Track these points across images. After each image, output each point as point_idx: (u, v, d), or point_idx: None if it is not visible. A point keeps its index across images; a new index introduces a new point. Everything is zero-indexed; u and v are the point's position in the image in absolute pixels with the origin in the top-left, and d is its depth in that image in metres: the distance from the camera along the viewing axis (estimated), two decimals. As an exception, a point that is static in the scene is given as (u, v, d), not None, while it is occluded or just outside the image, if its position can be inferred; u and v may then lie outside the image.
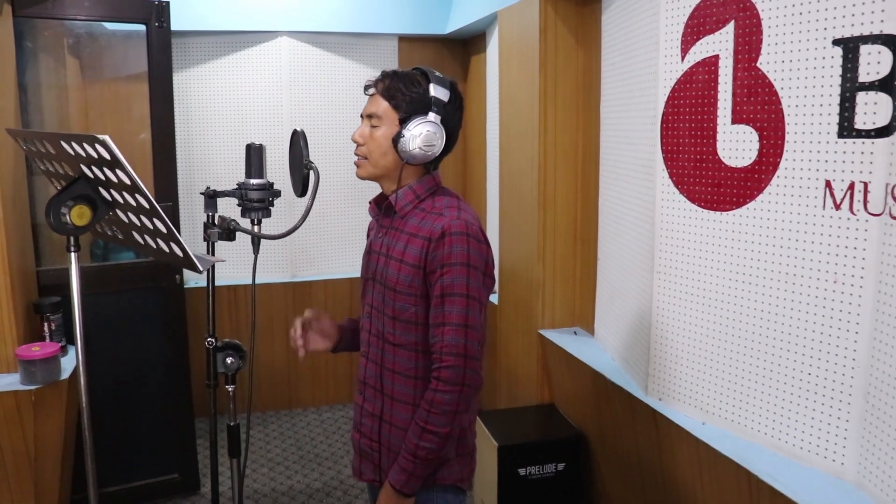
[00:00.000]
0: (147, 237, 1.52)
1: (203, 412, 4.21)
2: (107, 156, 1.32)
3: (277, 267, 4.79)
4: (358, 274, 2.08)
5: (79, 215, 1.48)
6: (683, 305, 2.51)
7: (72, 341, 3.28)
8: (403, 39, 4.89)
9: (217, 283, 4.56)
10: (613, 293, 3.13)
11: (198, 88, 4.58)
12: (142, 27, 3.42)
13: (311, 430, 4.65)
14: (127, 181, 1.34)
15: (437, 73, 1.85)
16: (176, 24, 3.73)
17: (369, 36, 4.78)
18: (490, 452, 3.20)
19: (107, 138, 1.28)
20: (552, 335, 3.50)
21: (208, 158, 4.63)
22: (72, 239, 1.52)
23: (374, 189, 1.97)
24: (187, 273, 4.53)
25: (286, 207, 4.54)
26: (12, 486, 2.90)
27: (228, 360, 1.92)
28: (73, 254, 1.53)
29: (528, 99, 3.49)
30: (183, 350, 3.70)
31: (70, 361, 3.10)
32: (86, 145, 1.36)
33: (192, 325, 4.51)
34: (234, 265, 4.42)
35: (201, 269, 1.44)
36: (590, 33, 3.34)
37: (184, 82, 4.50)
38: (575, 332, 3.53)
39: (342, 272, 4.88)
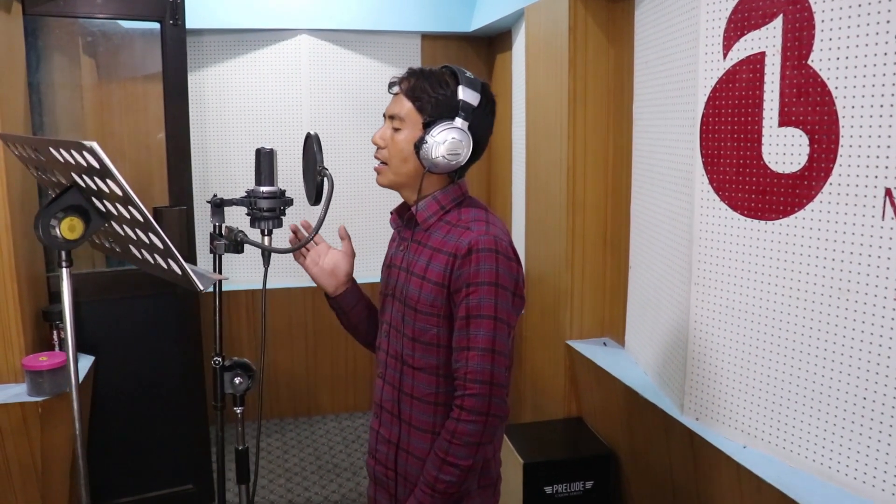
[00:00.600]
0: (144, 252, 1.39)
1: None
2: (96, 164, 1.19)
3: (297, 271, 4.60)
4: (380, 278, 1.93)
5: (70, 228, 1.35)
6: (724, 320, 2.34)
7: (82, 350, 3.18)
8: (426, 37, 4.75)
9: (236, 287, 4.47)
10: (646, 303, 2.97)
11: (214, 89, 4.46)
12: (156, 25, 3.30)
13: (330, 438, 4.53)
14: (119, 192, 1.21)
15: (469, 74, 1.71)
16: (191, 23, 3.61)
17: (391, 34, 4.65)
18: (515, 470, 3.05)
19: (94, 145, 1.15)
20: (580, 346, 3.34)
21: (225, 161, 4.51)
22: (63, 254, 1.39)
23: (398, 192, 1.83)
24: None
25: (302, 216, 4.39)
26: (19, 500, 2.80)
27: (237, 381, 1.79)
28: (64, 269, 1.40)
29: (557, 99, 3.34)
30: (199, 358, 3.59)
31: (80, 371, 2.99)
32: (73, 152, 1.23)
33: (209, 331, 4.42)
34: (253, 268, 4.30)
35: (201, 287, 1.31)
36: (622, 30, 3.18)
37: (199, 82, 4.39)
38: (604, 343, 3.37)
39: (364, 277, 4.70)
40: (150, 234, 1.28)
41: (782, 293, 2.13)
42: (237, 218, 1.87)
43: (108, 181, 1.21)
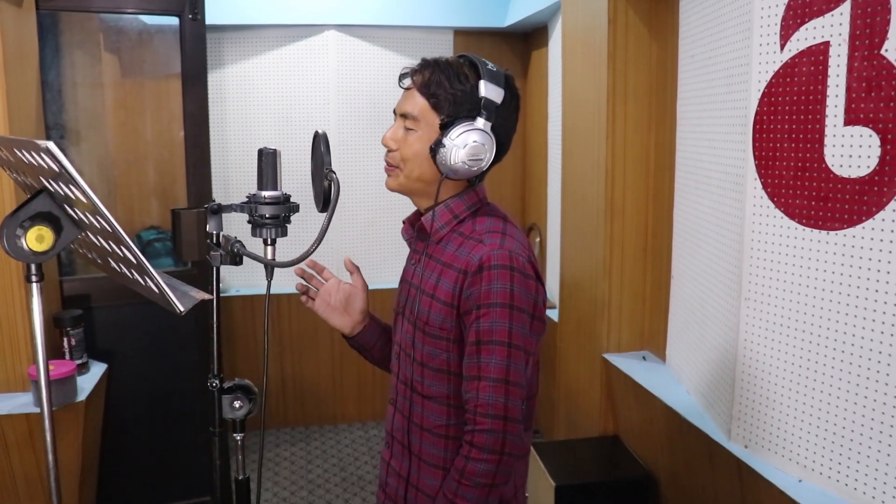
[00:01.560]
0: (122, 266, 1.23)
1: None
2: (55, 167, 1.03)
3: (323, 275, 4.50)
4: None
5: (37, 238, 1.19)
6: (778, 339, 2.12)
7: (94, 357, 3.05)
8: (459, 33, 4.56)
9: (255, 291, 4.33)
10: (689, 317, 2.75)
11: (236, 88, 4.31)
12: (175, 20, 3.17)
13: (355, 448, 4.37)
14: (83, 199, 1.05)
15: (490, 65, 1.51)
16: (212, 18, 3.48)
17: (423, 29, 4.47)
18: (546, 492, 2.85)
19: (50, 145, 0.98)
20: (618, 360, 3.13)
21: (247, 163, 4.37)
22: (32, 267, 1.23)
23: (409, 198, 1.66)
24: (225, 281, 4.30)
25: (309, 224, 4.21)
26: (25, 515, 2.69)
27: (236, 405, 1.62)
28: (34, 285, 1.24)
29: (595, 96, 3.13)
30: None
31: (91, 380, 2.87)
32: (34, 154, 1.07)
33: (228, 336, 4.29)
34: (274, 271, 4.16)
35: (181, 309, 1.14)
36: (664, 23, 2.97)
37: (221, 81, 4.25)
38: (643, 358, 3.16)
39: (390, 282, 4.55)
40: (123, 248, 1.11)
41: (846, 312, 1.91)
42: (237, 227, 1.71)
43: (72, 187, 1.05)
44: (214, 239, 1.55)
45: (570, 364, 3.56)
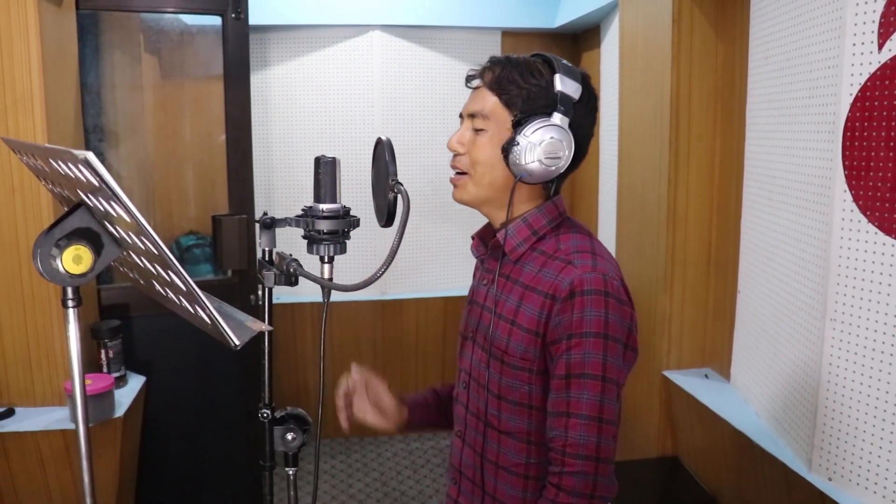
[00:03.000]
0: (170, 291, 1.10)
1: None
2: (94, 181, 0.90)
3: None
4: (455, 292, 1.59)
5: (75, 259, 1.07)
6: (869, 364, 1.94)
7: (133, 369, 2.95)
8: (507, 34, 4.42)
9: (301, 299, 4.21)
10: (760, 334, 2.57)
11: (279, 90, 4.20)
12: (217, 19, 3.06)
13: (397, 461, 4.24)
14: (126, 217, 0.92)
15: (565, 62, 1.37)
16: (256, 19, 3.37)
17: (470, 30, 4.33)
18: (604, 519, 2.69)
19: (89, 156, 0.86)
20: (679, 378, 2.96)
21: (290, 168, 4.26)
22: (69, 290, 1.11)
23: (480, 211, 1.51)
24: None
25: (371, 240, 4.10)
26: (60, 535, 2.59)
27: (289, 437, 1.48)
28: (70, 310, 1.12)
29: (656, 99, 2.97)
30: (257, 377, 3.33)
31: (129, 393, 2.76)
32: (70, 165, 0.95)
33: (270, 346, 4.18)
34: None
35: (236, 342, 1.00)
36: (733, 22, 2.79)
37: (264, 83, 4.14)
38: (706, 376, 2.98)
39: (436, 290, 4.43)
40: (170, 272, 0.98)
41: (951, 338, 1.73)
42: (290, 242, 1.58)
43: (113, 203, 0.92)
44: (267, 256, 1.42)
45: (628, 381, 3.38)
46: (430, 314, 4.41)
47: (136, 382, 2.88)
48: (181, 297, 1.05)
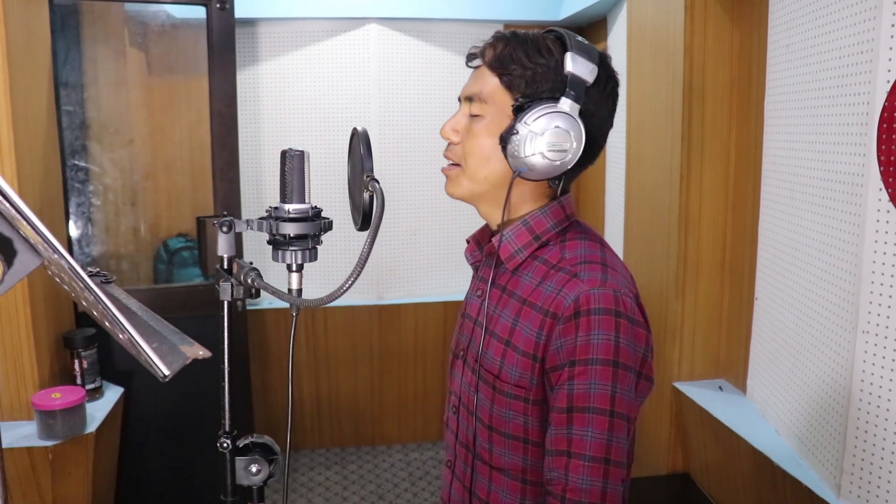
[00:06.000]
0: (94, 313, 0.92)
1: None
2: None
3: (361, 288, 4.18)
4: (456, 297, 1.40)
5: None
6: (906, 382, 1.76)
7: (110, 379, 2.77)
8: (510, 27, 4.23)
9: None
10: (779, 345, 2.39)
11: (269, 86, 4.01)
12: (201, 9, 2.89)
13: (395, 472, 4.06)
14: (23, 222, 0.74)
15: (581, 39, 1.18)
16: (244, 11, 3.19)
17: (471, 23, 4.14)
18: (612, 542, 2.51)
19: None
20: (690, 390, 2.78)
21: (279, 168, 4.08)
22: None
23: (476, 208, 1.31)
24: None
25: (346, 244, 3.92)
26: (27, 559, 2.42)
27: (253, 469, 1.30)
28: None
29: (668, 93, 2.78)
30: (245, 386, 3.17)
31: (104, 406, 2.59)
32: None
33: (261, 352, 4.03)
34: (312, 282, 3.88)
35: (165, 372, 0.83)
36: (749, 9, 2.61)
37: (252, 79, 3.95)
38: (720, 388, 2.80)
39: (436, 295, 4.25)
40: (87, 292, 0.80)
41: None
42: (255, 248, 1.39)
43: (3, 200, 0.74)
44: (226, 264, 1.23)
45: (634, 391, 3.21)
46: (429, 320, 4.23)
47: (113, 394, 2.70)
48: (105, 322, 0.87)
